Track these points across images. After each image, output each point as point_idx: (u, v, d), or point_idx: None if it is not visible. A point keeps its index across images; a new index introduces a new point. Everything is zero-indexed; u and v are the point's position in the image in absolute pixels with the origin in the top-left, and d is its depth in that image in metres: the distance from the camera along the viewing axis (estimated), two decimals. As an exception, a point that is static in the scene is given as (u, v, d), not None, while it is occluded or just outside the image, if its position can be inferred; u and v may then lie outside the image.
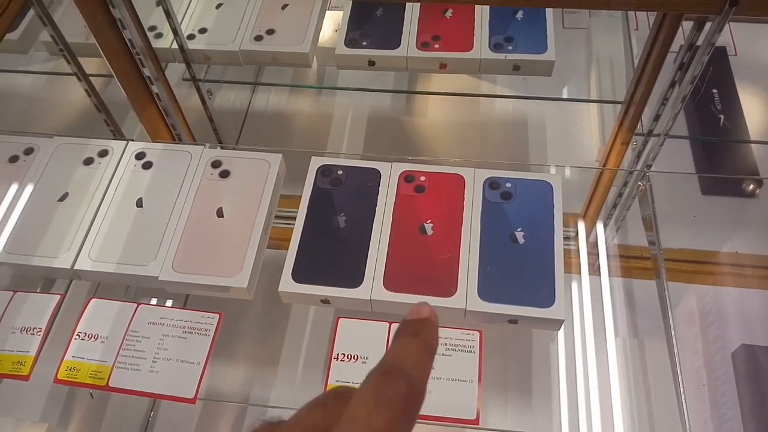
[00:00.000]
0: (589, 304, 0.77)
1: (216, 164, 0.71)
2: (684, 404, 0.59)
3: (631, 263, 0.93)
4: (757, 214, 0.97)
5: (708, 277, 0.93)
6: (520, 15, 0.82)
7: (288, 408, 0.87)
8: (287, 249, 0.67)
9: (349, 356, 0.62)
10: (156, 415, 0.86)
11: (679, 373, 0.61)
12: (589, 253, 0.84)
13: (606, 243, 0.89)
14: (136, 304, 0.66)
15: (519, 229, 0.66)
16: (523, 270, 0.63)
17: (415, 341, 0.24)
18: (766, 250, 0.94)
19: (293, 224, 0.76)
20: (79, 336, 0.64)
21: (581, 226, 0.85)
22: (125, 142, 0.73)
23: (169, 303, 0.72)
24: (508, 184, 0.69)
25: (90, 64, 0.94)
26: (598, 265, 0.92)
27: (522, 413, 0.81)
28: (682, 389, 0.60)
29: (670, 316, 0.64)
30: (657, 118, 0.70)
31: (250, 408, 0.86)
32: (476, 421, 0.58)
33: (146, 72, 0.68)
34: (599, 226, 0.87)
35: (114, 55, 0.68)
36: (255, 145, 0.92)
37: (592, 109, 1.09)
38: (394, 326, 0.64)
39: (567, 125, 1.10)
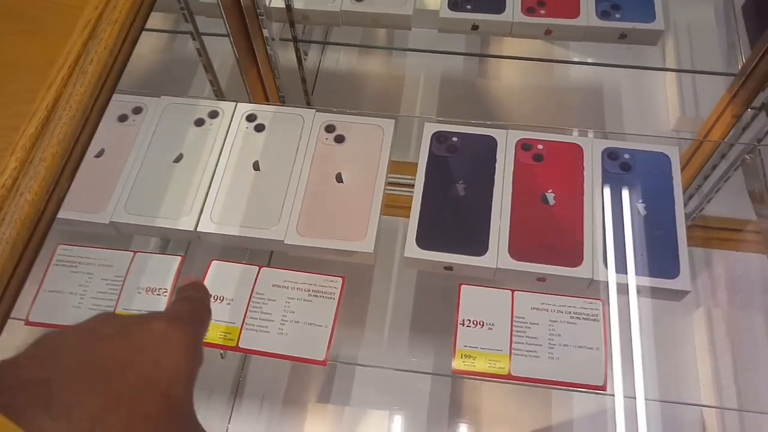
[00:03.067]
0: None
1: (330, 129, 0.71)
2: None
3: (711, 234, 0.94)
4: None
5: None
6: (625, -19, 0.81)
7: (375, 366, 0.88)
8: (390, 215, 0.68)
9: (475, 322, 0.63)
10: (246, 374, 0.88)
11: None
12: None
13: (692, 214, 0.90)
14: (258, 267, 0.66)
15: (640, 200, 0.66)
16: (647, 242, 0.64)
17: (193, 288, 0.36)
18: None
19: (399, 190, 0.76)
20: (204, 297, 0.64)
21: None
22: (234, 103, 0.73)
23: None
24: (627, 155, 0.69)
25: (157, 20, 0.92)
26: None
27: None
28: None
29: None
30: (773, 91, 0.70)
31: (339, 366, 0.88)
32: (604, 387, 0.60)
33: (266, 33, 0.67)
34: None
35: (232, 14, 0.67)
36: (327, 105, 0.92)
37: (668, 78, 1.09)
38: (517, 294, 0.65)
39: (640, 94, 1.09)
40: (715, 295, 0.91)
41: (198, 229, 0.66)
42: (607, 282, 0.63)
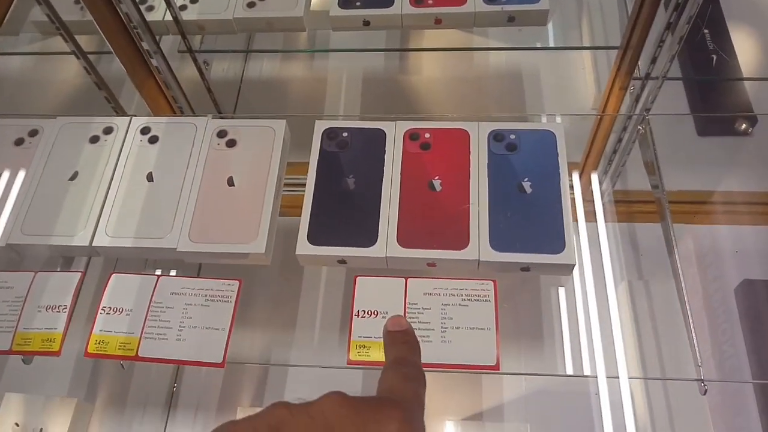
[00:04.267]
0: (601, 250, 0.79)
1: (222, 134, 0.72)
2: (694, 339, 0.62)
3: (633, 207, 0.95)
4: (753, 151, 0.98)
5: (707, 217, 0.96)
6: (511, -35, 0.82)
7: (308, 366, 0.89)
8: (296, 216, 0.68)
9: (369, 312, 0.63)
10: (180, 384, 0.89)
11: (688, 309, 0.63)
12: (591, 201, 0.86)
13: (607, 189, 0.91)
14: (156, 276, 0.67)
15: (526, 178, 0.67)
16: (532, 218, 0.65)
17: (406, 345, 0.35)
18: (762, 187, 0.96)
19: (300, 191, 0.77)
20: (104, 310, 0.65)
21: (576, 176, 0.86)
22: (129, 117, 0.74)
23: (172, 273, 0.72)
24: (512, 136, 0.70)
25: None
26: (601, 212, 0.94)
27: (535, 357, 0.84)
28: (692, 325, 0.62)
29: (676, 256, 0.66)
30: (654, 61, 0.71)
31: (272, 369, 0.89)
32: (497, 367, 0.61)
33: (145, 46, 0.68)
34: (593, 175, 0.89)
35: (111, 30, 0.68)
36: (253, 112, 0.93)
37: (585, 57, 1.10)
38: (410, 281, 0.66)
39: (561, 74, 1.10)
40: (639, 268, 0.92)
41: (93, 244, 0.67)
42: (496, 261, 0.64)
